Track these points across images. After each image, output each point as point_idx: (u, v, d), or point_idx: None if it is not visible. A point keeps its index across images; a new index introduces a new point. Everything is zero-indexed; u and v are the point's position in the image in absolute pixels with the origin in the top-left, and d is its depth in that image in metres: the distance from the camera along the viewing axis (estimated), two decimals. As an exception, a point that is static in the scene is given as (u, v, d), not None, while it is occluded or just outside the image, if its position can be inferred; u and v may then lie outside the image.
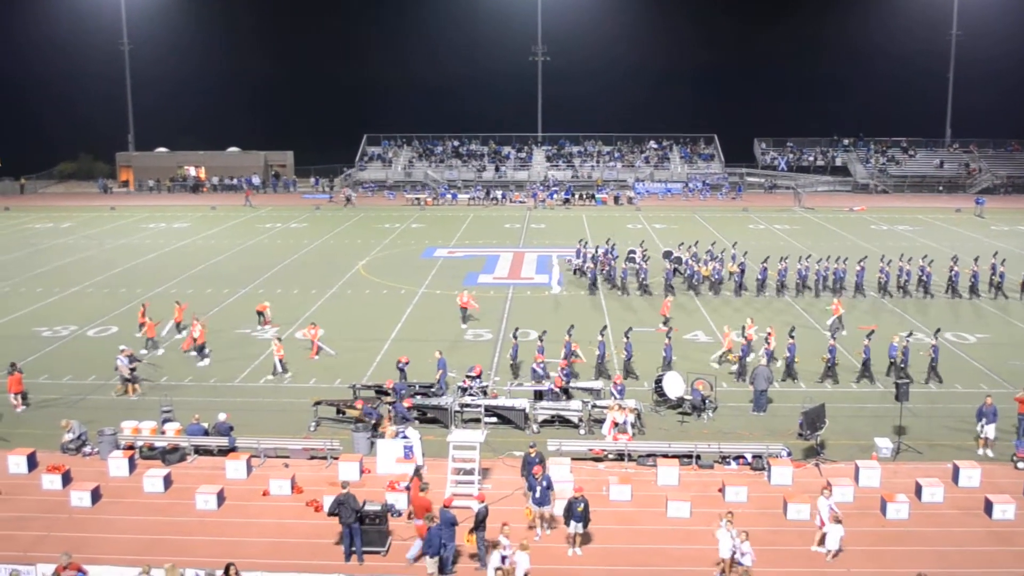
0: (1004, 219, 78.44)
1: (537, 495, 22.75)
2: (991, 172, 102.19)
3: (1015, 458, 27.28)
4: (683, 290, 49.86)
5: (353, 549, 22.03)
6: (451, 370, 34.04)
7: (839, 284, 49.02)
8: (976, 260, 50.02)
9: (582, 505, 22.16)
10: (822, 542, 22.35)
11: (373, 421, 29.29)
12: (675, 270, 52.30)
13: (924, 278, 48.94)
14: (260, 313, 42.67)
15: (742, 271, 49.67)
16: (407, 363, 33.09)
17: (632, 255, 53.61)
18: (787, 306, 46.53)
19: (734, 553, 20.63)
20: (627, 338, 35.77)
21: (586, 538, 22.48)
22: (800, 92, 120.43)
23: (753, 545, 22.66)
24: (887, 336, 36.37)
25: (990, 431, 27.74)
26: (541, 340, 34.99)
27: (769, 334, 35.91)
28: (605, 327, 38.31)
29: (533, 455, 24.56)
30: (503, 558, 20.21)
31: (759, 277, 49.60)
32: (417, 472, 24.63)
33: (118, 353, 34.43)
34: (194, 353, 37.77)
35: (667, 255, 54.74)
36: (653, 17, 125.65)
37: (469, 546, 22.14)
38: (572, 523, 22.28)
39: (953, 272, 48.83)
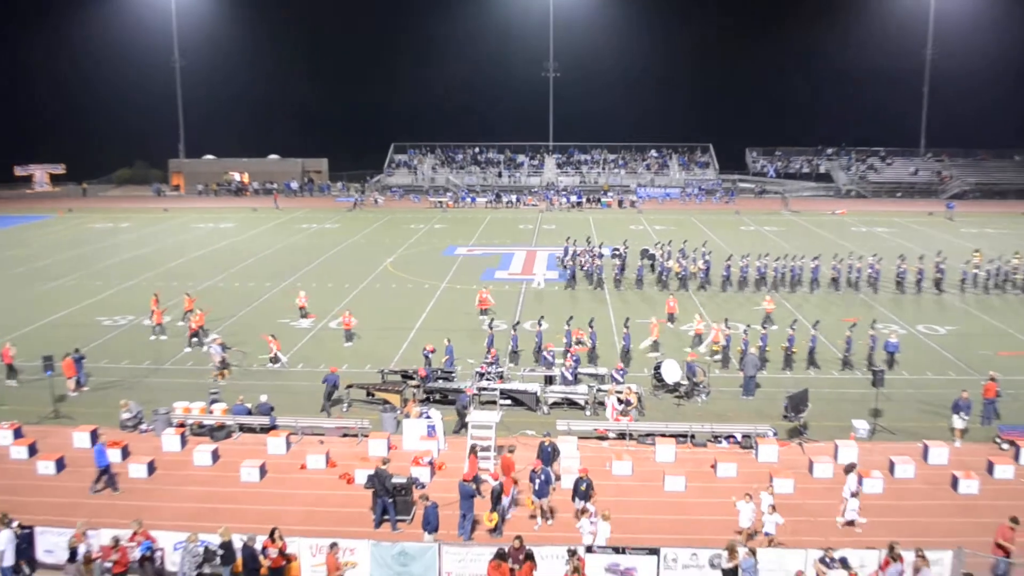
0: (973, 222, 77.98)
1: (536, 487, 22.37)
2: (961, 179, 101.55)
3: (998, 439, 27.12)
4: (651, 283, 50.03)
5: (386, 517, 22.22)
6: (469, 357, 34.32)
7: (796, 280, 48.96)
8: (921, 258, 50.11)
9: (585, 484, 22.32)
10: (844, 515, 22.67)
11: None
12: (651, 266, 52.28)
13: (873, 275, 48.80)
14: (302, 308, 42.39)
15: (707, 269, 49.83)
16: (432, 351, 33.23)
17: (616, 252, 53.62)
18: (747, 300, 46.32)
19: (752, 524, 21.02)
20: (627, 328, 35.82)
21: (584, 509, 22.25)
22: (788, 106, 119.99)
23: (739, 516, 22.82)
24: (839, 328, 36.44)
25: (960, 423, 27.29)
26: (540, 325, 35.62)
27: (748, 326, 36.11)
28: (591, 319, 38.10)
29: (547, 444, 24.26)
30: (591, 523, 20.57)
31: (724, 274, 49.45)
32: (473, 450, 24.42)
33: (211, 342, 34.68)
34: (194, 339, 37.92)
35: (644, 252, 54.83)
36: (654, 38, 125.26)
37: (489, 524, 22.29)
38: (577, 499, 22.42)
39: (920, 271, 48.81)
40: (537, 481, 22.24)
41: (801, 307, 44.25)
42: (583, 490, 22.30)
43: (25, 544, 20.30)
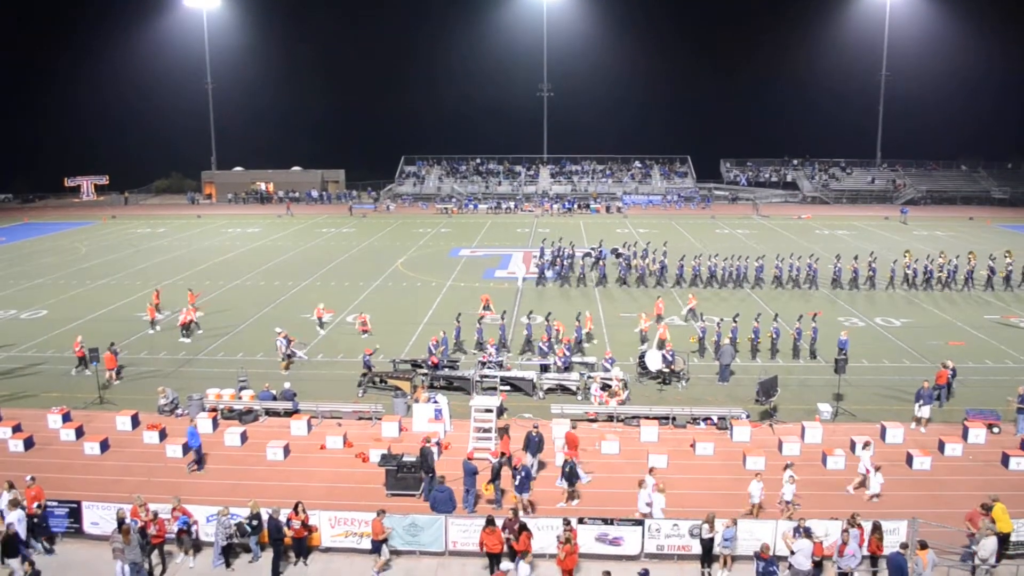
0: (924, 226, 77.91)
1: (517, 483, 21.19)
2: (914, 187, 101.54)
3: (965, 423, 26.85)
4: (618, 280, 49.93)
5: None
6: (470, 348, 34.29)
7: (741, 278, 48.90)
8: (855, 258, 50.08)
9: (568, 467, 22.02)
10: (859, 486, 22.62)
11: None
12: (627, 264, 52.21)
13: (811, 273, 48.81)
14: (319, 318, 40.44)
15: (662, 268, 49.98)
16: (436, 342, 33.11)
17: (590, 253, 53.54)
18: (712, 294, 46.39)
19: (762, 500, 21.08)
20: (578, 321, 35.82)
21: (573, 494, 22.29)
22: (758, 121, 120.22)
23: (717, 489, 22.80)
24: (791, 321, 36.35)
25: (925, 412, 27.02)
26: (529, 319, 35.90)
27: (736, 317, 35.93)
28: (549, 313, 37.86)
29: (535, 434, 23.62)
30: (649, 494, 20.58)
31: (677, 272, 49.65)
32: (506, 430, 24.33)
33: (276, 335, 34.53)
34: (182, 332, 37.83)
35: (614, 251, 54.77)
36: (638, 60, 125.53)
37: (487, 493, 22.24)
38: (560, 480, 22.27)
39: (872, 268, 48.80)
40: (518, 477, 21.22)
41: (774, 302, 44.19)
42: (566, 472, 21.97)
43: (42, 522, 20.17)
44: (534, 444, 23.41)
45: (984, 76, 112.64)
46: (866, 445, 23.48)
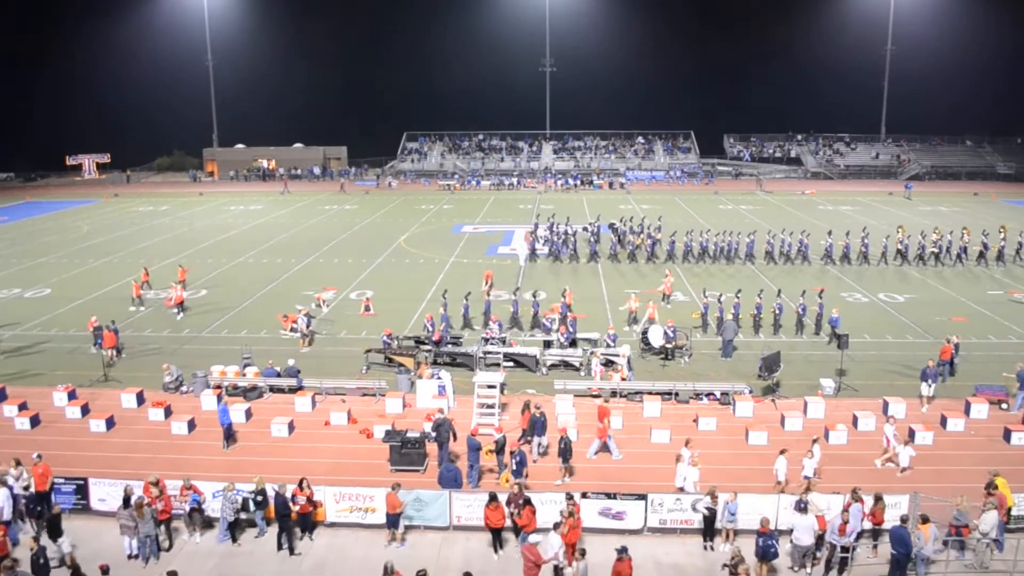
0: (928, 201, 77.65)
1: (514, 467, 21.12)
2: (918, 162, 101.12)
3: (969, 400, 26.76)
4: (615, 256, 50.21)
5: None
6: (475, 325, 34.34)
7: (733, 253, 48.92)
8: (847, 233, 49.98)
9: (564, 444, 21.95)
10: (887, 461, 22.73)
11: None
12: (618, 240, 52.33)
13: (802, 248, 48.83)
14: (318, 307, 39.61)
15: (653, 244, 50.07)
16: (431, 319, 33.18)
17: (587, 228, 53.67)
18: (719, 270, 46.32)
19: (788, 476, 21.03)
20: (534, 296, 36.13)
21: (570, 471, 22.25)
22: (762, 96, 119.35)
23: (720, 464, 22.88)
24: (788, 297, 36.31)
25: (929, 391, 26.78)
26: (535, 296, 35.99)
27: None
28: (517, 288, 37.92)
29: (539, 415, 23.39)
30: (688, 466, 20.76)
31: (668, 248, 49.73)
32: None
33: (298, 313, 34.55)
34: (175, 309, 37.89)
35: (611, 226, 54.80)
36: (641, 35, 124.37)
37: (488, 459, 22.41)
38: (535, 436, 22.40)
39: (864, 244, 48.97)
40: (514, 462, 21.14)
41: (776, 279, 44.16)
42: (562, 448, 21.87)
43: (38, 505, 20.10)
44: (540, 426, 23.23)
45: (991, 50, 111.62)
46: (890, 419, 23.48)
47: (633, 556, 16.98)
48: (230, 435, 24.48)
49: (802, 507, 18.27)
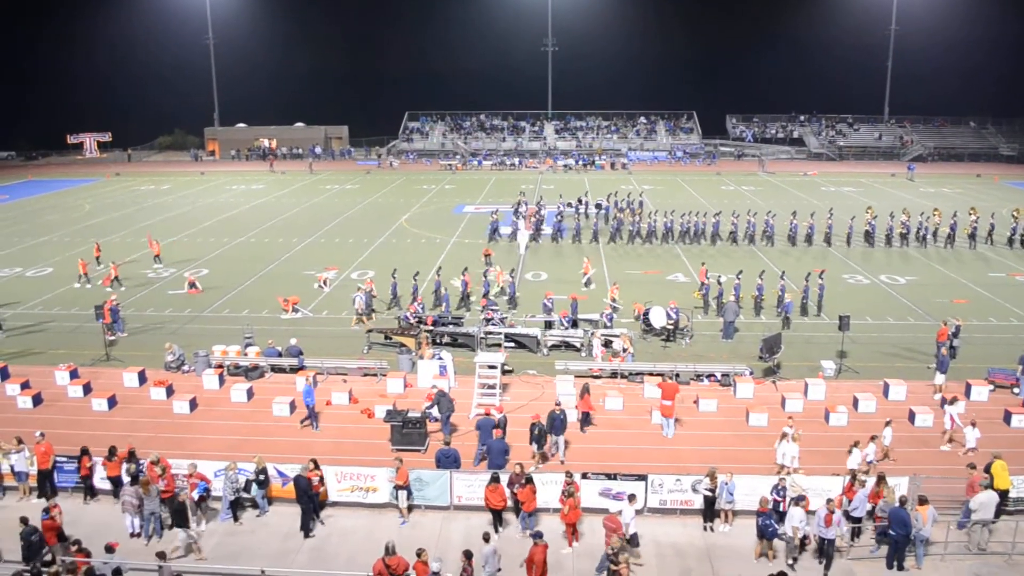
0: (931, 182, 77.33)
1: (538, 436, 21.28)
2: (921, 143, 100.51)
3: (989, 380, 26.78)
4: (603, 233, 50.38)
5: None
6: (476, 304, 34.28)
7: (699, 234, 48.98)
8: (812, 215, 50.00)
9: (537, 429, 21.56)
10: (950, 441, 22.76)
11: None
12: (604, 217, 52.32)
13: (768, 229, 48.69)
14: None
15: (636, 221, 50.11)
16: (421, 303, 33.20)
17: (571, 205, 54.22)
18: (718, 252, 46.25)
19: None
20: (484, 277, 36.46)
21: (543, 457, 22.01)
22: (765, 76, 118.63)
23: (720, 445, 22.89)
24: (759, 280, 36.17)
25: (941, 379, 26.41)
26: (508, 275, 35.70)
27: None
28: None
29: (559, 412, 22.11)
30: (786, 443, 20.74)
31: (646, 226, 49.71)
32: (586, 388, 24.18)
33: (356, 291, 34.44)
34: (109, 288, 38.08)
35: (598, 205, 55.06)
36: (644, 14, 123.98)
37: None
38: (552, 435, 22.03)
39: (829, 226, 49.11)
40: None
41: (780, 260, 44.06)
42: (535, 434, 21.50)
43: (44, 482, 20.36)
44: (559, 423, 22.10)
45: (995, 31, 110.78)
46: (953, 401, 23.34)
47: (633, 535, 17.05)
48: (314, 415, 24.45)
49: (794, 499, 18.20)
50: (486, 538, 17.13)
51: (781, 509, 18.27)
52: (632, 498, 18.33)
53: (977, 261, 44.76)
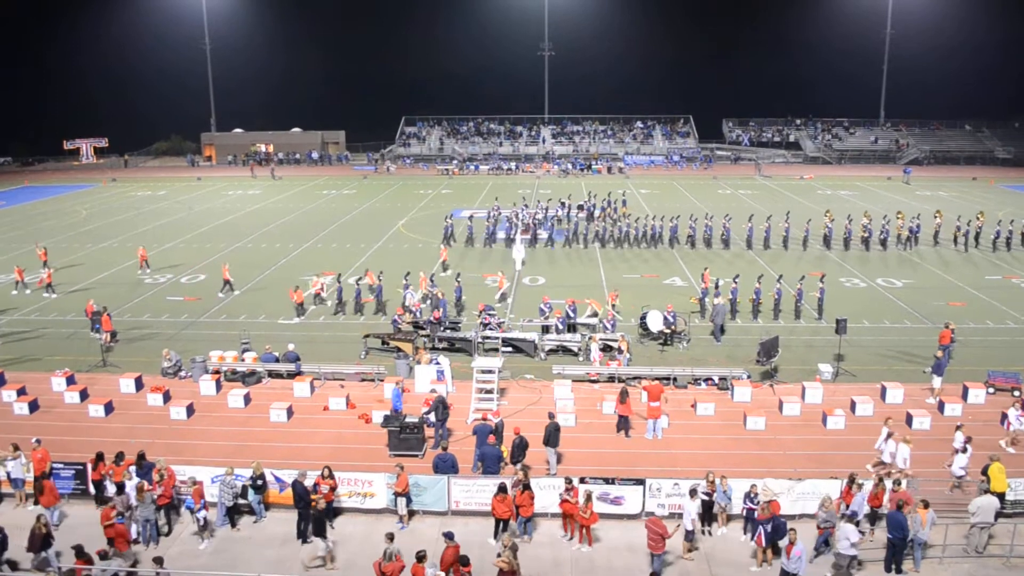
0: (927, 186, 77.49)
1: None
2: (917, 147, 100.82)
3: (988, 383, 26.78)
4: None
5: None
6: (473, 309, 34.27)
7: (656, 238, 49.11)
8: (768, 218, 49.94)
9: (517, 441, 21.20)
10: (1012, 442, 22.95)
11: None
12: (588, 218, 52.71)
13: (725, 233, 48.76)
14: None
15: (615, 221, 50.90)
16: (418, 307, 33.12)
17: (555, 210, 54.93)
18: (715, 255, 46.31)
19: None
20: (458, 281, 36.48)
21: (560, 456, 22.04)
22: (761, 80, 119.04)
23: (717, 449, 22.87)
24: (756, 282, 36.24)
25: (937, 383, 26.47)
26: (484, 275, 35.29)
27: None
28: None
29: (551, 424, 21.65)
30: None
31: (634, 232, 49.92)
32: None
33: (404, 289, 34.59)
34: (46, 293, 38.49)
35: (580, 207, 55.70)
36: (640, 19, 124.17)
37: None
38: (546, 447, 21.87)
39: (786, 230, 49.35)
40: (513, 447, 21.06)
41: (774, 264, 44.11)
42: (513, 448, 21.09)
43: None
44: (555, 437, 21.55)
45: (990, 34, 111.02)
46: (1016, 402, 23.44)
47: (630, 540, 16.98)
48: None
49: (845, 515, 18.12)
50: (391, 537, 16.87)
51: (756, 517, 18.10)
52: (693, 493, 18.37)
53: (973, 264, 44.83)
